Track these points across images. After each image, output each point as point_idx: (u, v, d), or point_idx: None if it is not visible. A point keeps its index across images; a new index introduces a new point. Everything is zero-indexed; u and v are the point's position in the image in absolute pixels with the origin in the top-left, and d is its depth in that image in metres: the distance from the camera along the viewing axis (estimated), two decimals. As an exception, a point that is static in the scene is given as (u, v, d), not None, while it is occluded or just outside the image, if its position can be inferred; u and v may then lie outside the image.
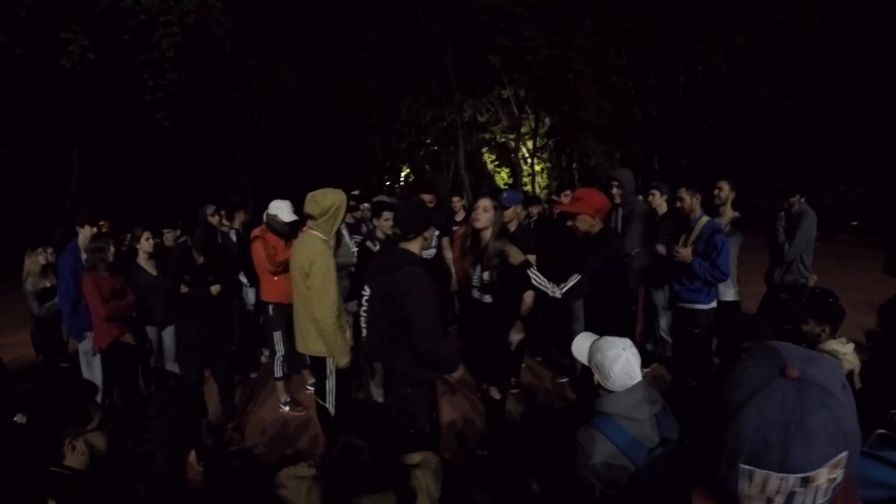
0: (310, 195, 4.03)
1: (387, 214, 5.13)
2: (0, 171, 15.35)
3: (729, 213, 5.42)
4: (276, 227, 5.34)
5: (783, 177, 13.55)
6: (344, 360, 4.00)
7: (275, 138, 19.15)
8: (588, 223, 3.86)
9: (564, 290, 3.71)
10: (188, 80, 13.02)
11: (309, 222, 4.07)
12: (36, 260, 5.88)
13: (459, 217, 6.64)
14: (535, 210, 7.05)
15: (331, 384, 4.10)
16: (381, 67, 18.16)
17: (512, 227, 5.35)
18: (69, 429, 2.00)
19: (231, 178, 18.88)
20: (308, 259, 3.88)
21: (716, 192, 5.39)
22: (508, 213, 5.30)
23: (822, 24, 18.32)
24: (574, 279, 3.72)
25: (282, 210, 5.30)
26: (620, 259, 4.23)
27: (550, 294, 3.73)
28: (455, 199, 7.12)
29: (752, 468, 0.82)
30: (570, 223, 4.09)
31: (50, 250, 5.92)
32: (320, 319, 3.87)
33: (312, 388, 5.33)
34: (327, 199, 3.96)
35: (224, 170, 18.83)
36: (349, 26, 16.15)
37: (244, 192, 18.10)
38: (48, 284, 5.91)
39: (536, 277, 3.75)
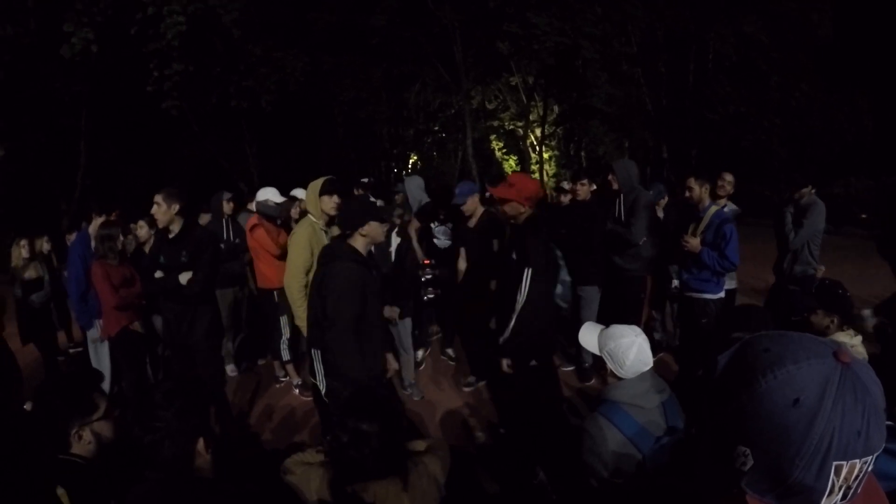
0: None
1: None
2: (7, 161, 15.41)
3: (728, 206, 5.42)
4: (269, 211, 5.46)
5: (793, 169, 13.46)
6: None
7: (282, 126, 19.14)
8: (516, 209, 3.85)
9: (525, 291, 3.72)
10: (195, 68, 13.01)
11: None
12: (19, 252, 5.88)
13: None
14: None
15: (318, 363, 4.15)
16: (389, 54, 18.09)
17: (473, 222, 5.35)
18: (76, 418, 2.02)
19: (238, 166, 18.90)
20: (293, 234, 4.29)
21: (720, 183, 5.35)
22: (467, 208, 5.28)
23: (834, 16, 18.12)
24: (527, 275, 3.72)
25: (271, 193, 5.52)
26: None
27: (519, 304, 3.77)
28: None
29: (842, 462, 0.80)
30: (500, 207, 4.11)
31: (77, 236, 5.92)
32: (286, 286, 4.14)
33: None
34: (309, 187, 4.26)
35: (231, 158, 18.84)
36: (357, 13, 16.08)
37: (252, 179, 18.12)
38: (34, 275, 5.92)
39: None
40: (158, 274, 4.30)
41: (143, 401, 1.78)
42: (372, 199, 4.24)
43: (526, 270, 3.70)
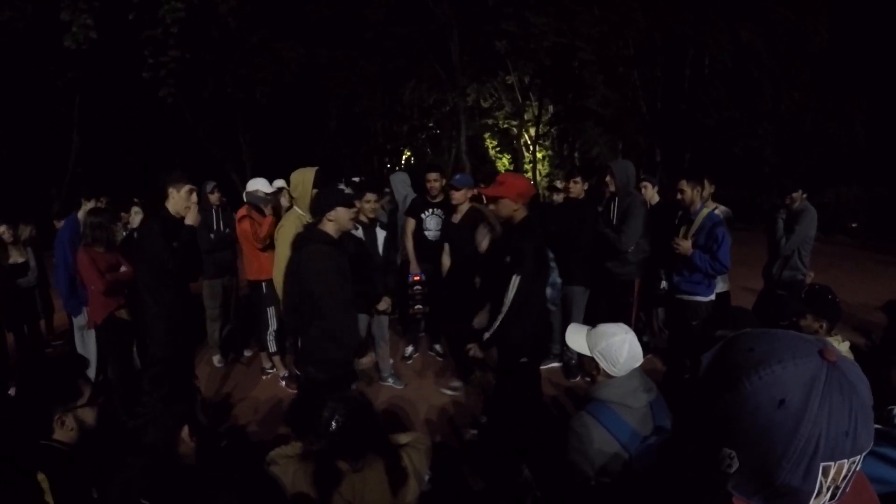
0: None
1: (369, 196, 4.84)
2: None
3: (719, 209, 5.43)
4: (258, 202, 5.44)
5: (784, 175, 13.51)
6: None
7: (276, 117, 19.07)
8: (510, 208, 3.80)
9: (512, 296, 3.71)
10: (191, 56, 12.91)
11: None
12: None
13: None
14: None
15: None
16: (385, 49, 18.02)
17: (457, 217, 5.35)
18: (59, 404, 1.99)
19: (231, 156, 18.80)
20: (280, 227, 4.35)
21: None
22: (458, 195, 5.27)
23: (830, 25, 18.18)
24: (515, 281, 3.70)
25: (261, 184, 5.54)
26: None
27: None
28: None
29: (830, 463, 0.79)
30: (491, 207, 4.09)
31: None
32: (275, 279, 4.18)
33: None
34: (297, 177, 4.26)
35: (224, 148, 18.74)
36: (353, 6, 16.01)
37: (244, 170, 18.05)
38: (20, 260, 5.87)
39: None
40: None
41: (129, 386, 1.77)
42: (341, 186, 4.24)
43: (514, 277, 3.68)
